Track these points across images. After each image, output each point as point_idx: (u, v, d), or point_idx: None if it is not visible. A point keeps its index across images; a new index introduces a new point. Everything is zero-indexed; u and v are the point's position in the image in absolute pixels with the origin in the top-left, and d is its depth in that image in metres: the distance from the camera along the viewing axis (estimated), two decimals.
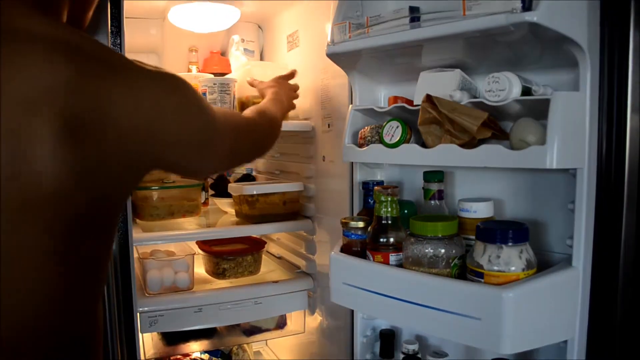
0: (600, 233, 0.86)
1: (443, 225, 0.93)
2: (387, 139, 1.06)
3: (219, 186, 1.92)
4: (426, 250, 0.93)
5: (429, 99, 0.96)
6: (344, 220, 1.11)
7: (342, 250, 1.11)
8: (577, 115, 0.84)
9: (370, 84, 1.26)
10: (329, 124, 1.52)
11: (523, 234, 0.86)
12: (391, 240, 1.01)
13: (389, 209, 1.01)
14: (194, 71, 1.94)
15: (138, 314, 1.39)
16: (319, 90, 1.56)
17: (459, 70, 1.00)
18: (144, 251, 1.61)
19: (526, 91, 0.88)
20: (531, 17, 0.77)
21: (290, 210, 1.69)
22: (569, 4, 0.80)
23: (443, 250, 0.92)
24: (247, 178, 2.01)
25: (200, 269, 1.69)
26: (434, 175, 1.05)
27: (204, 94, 1.57)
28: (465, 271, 0.91)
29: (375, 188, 1.03)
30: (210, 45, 2.00)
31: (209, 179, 1.95)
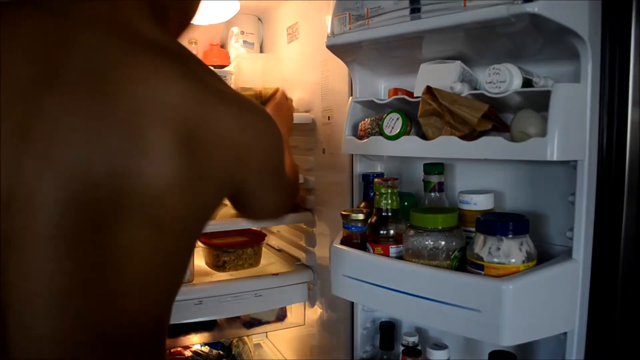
0: (601, 225, 0.86)
1: (443, 217, 0.93)
2: (387, 131, 1.06)
3: None
4: (426, 243, 0.93)
5: (429, 90, 0.95)
6: (344, 213, 1.11)
7: (342, 243, 1.11)
8: (578, 107, 0.84)
9: (371, 76, 1.25)
10: (328, 116, 1.51)
11: (523, 226, 0.86)
12: (391, 232, 1.01)
13: (389, 201, 1.01)
14: None
15: None
16: (319, 83, 1.56)
17: (459, 62, 0.99)
18: None
19: (527, 83, 0.88)
20: (532, 8, 0.77)
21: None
22: None
23: (443, 243, 0.92)
24: None
25: (200, 262, 1.69)
26: (434, 167, 1.05)
27: None
28: (465, 263, 0.91)
29: (376, 180, 1.03)
30: (209, 38, 1.99)
31: None
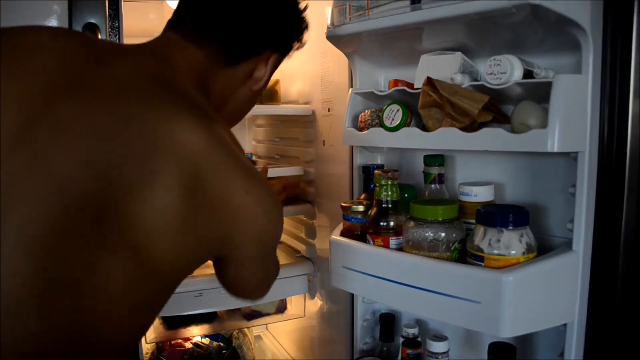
0: (601, 217, 0.86)
1: (443, 209, 0.93)
2: (388, 123, 1.06)
3: None
4: (426, 234, 0.93)
5: (429, 82, 0.95)
6: (344, 204, 1.11)
7: (343, 234, 1.11)
8: (579, 98, 0.84)
9: (371, 67, 1.25)
10: (329, 108, 1.51)
11: (523, 217, 0.86)
12: (391, 224, 1.01)
13: (390, 193, 1.01)
14: None
15: None
16: (319, 74, 1.55)
17: (460, 53, 0.99)
18: None
19: (528, 74, 0.88)
20: None
21: (290, 194, 1.69)
22: None
23: (443, 234, 0.92)
24: None
25: None
26: (435, 159, 1.05)
27: None
28: (465, 255, 0.91)
29: (376, 172, 1.03)
30: None
31: None
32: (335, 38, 1.12)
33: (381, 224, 1.01)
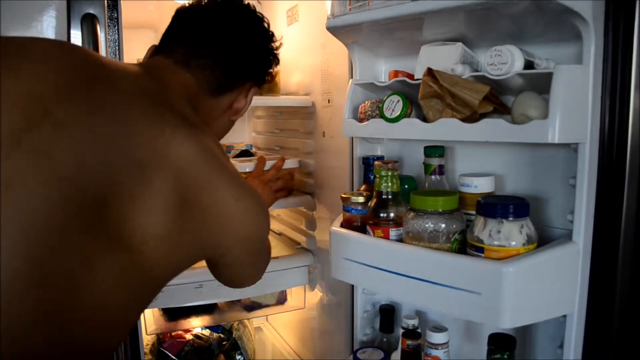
0: (601, 208, 0.86)
1: (444, 200, 0.93)
2: (388, 114, 1.05)
3: None
4: (426, 225, 0.93)
5: (430, 72, 0.95)
6: (344, 196, 1.11)
7: (343, 226, 1.11)
8: (580, 89, 0.83)
9: (371, 58, 1.24)
10: (329, 99, 1.51)
11: (524, 208, 0.86)
12: (391, 215, 1.01)
13: (390, 184, 1.01)
14: None
15: None
16: (319, 65, 1.55)
17: (460, 43, 0.98)
18: None
19: (529, 65, 0.87)
20: None
21: (287, 185, 1.68)
22: None
23: (443, 225, 0.92)
24: (246, 154, 2.00)
25: None
26: (435, 150, 1.04)
27: None
28: (465, 246, 0.91)
29: (376, 163, 1.03)
30: None
31: None
32: (335, 29, 1.12)
33: (381, 215, 1.01)
